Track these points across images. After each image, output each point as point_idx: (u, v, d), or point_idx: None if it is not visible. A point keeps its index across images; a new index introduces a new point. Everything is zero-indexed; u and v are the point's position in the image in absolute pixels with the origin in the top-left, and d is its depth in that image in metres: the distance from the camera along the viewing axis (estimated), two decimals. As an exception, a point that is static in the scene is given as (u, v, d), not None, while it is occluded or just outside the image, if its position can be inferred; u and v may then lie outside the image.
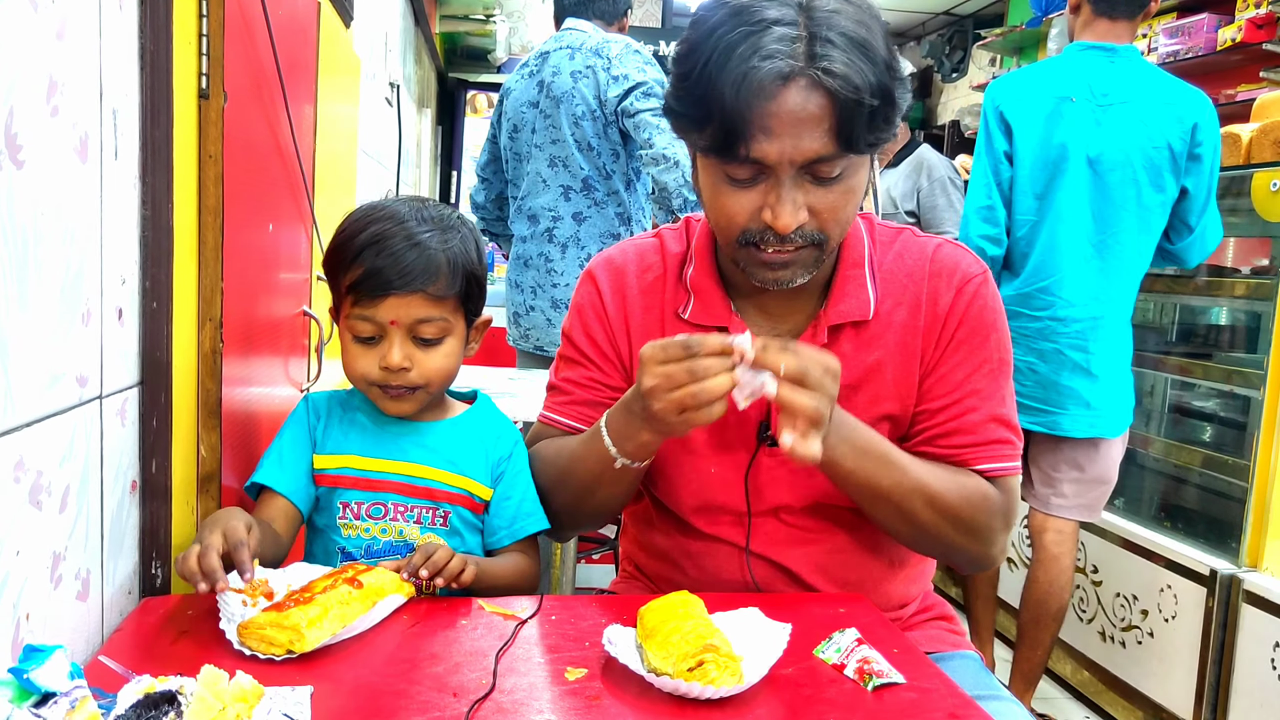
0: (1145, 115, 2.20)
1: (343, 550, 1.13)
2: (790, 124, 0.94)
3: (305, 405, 1.17)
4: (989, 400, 1.12)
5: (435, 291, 1.08)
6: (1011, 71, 2.38)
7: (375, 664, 0.89)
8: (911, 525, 1.09)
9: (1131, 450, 2.87)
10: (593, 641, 0.93)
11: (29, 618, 0.77)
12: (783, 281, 1.05)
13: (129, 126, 0.93)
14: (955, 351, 1.12)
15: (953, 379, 1.12)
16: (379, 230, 1.08)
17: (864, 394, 1.12)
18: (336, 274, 1.10)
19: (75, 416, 0.84)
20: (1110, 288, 2.23)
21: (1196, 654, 2.26)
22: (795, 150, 0.95)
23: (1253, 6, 3.78)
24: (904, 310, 1.12)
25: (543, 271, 2.63)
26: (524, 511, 1.16)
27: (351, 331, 1.11)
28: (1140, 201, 2.20)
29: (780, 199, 0.97)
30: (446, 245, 1.10)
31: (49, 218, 0.77)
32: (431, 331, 1.10)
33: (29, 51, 0.73)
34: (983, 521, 1.11)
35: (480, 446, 1.16)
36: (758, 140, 0.94)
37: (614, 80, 2.48)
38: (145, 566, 1.01)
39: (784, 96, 0.93)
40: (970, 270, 1.14)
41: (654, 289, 1.18)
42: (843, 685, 0.89)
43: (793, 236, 1.00)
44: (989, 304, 1.14)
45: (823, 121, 0.94)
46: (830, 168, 0.97)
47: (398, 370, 1.09)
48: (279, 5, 1.27)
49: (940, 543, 1.12)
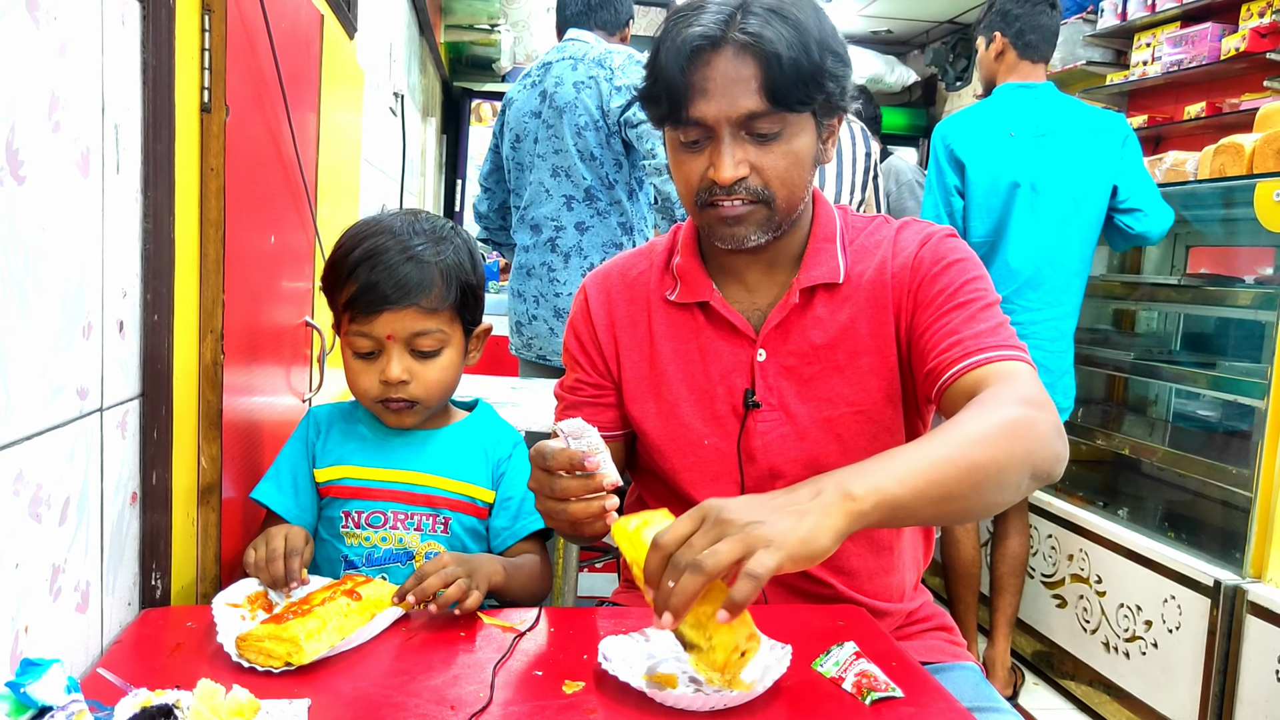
0: (1078, 142, 2.55)
1: (345, 559, 1.14)
2: (723, 84, 1.05)
3: (307, 420, 1.18)
4: (976, 304, 1.09)
5: (429, 304, 1.09)
6: (956, 113, 2.74)
7: (373, 676, 0.89)
8: (984, 481, 0.90)
9: (1134, 460, 2.87)
10: (591, 654, 0.93)
11: (28, 630, 0.77)
12: (739, 238, 1.11)
13: (131, 141, 0.94)
14: (931, 284, 1.12)
15: (935, 302, 1.11)
16: (372, 246, 1.10)
17: (841, 350, 1.15)
18: (334, 291, 1.11)
19: (76, 429, 0.84)
20: (1059, 297, 2.55)
21: (1201, 665, 2.25)
22: (730, 107, 1.05)
23: (1256, 16, 3.78)
24: (873, 271, 1.16)
25: (545, 281, 2.63)
26: (525, 510, 1.17)
27: (351, 348, 1.11)
28: (1080, 218, 2.54)
29: (720, 154, 1.07)
30: (440, 257, 1.11)
31: (50, 232, 0.78)
32: (429, 344, 1.10)
33: (30, 68, 0.74)
34: (1030, 416, 0.95)
35: (480, 450, 1.17)
36: (696, 102, 1.06)
37: (617, 90, 2.49)
38: (145, 578, 1.01)
39: (715, 61, 1.05)
40: (934, 228, 1.19)
41: (640, 281, 1.24)
42: (841, 699, 0.89)
43: (737, 188, 1.07)
44: (957, 246, 1.16)
45: (751, 81, 1.04)
46: (765, 124, 1.06)
47: (397, 383, 1.09)
48: (281, 18, 1.28)
49: (1010, 473, 0.92)
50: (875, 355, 1.15)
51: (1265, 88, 3.81)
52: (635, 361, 1.21)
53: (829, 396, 1.16)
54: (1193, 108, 4.22)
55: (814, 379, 1.16)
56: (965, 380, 1.04)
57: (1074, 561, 2.70)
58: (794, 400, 1.16)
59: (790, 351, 1.16)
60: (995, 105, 2.63)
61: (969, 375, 1.04)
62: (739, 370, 1.17)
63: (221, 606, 0.96)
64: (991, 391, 0.99)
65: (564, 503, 0.95)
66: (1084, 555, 2.67)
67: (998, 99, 2.65)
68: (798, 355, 1.16)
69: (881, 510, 0.82)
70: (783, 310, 1.15)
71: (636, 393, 1.21)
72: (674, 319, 1.20)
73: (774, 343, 1.16)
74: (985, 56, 2.73)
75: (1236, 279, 2.68)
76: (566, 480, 0.94)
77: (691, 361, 1.18)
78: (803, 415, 1.16)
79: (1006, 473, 0.91)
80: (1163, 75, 4.29)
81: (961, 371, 1.05)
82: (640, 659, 0.92)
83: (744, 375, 1.16)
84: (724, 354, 1.17)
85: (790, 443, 1.16)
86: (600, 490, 0.94)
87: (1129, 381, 3.00)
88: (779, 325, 1.16)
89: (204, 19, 1.05)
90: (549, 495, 0.96)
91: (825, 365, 1.15)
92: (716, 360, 1.17)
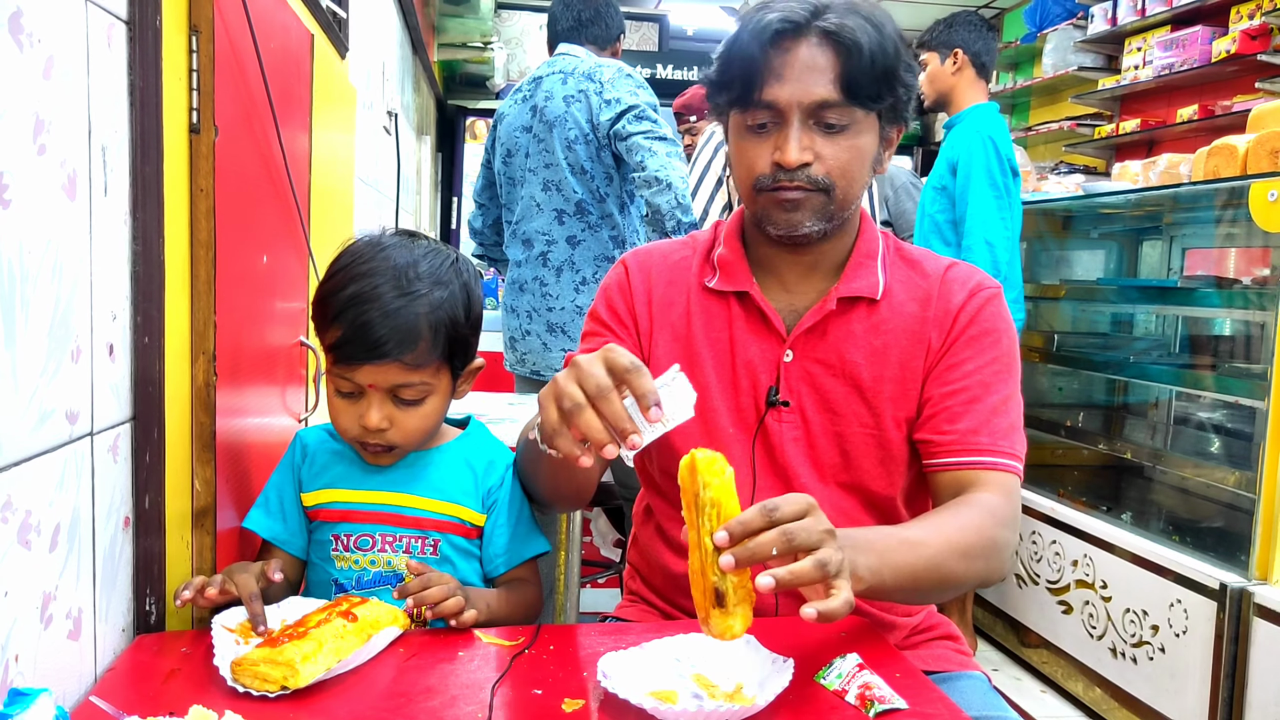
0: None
1: (336, 582, 1.13)
2: (799, 70, 1.08)
3: (294, 445, 1.17)
4: (997, 394, 1.14)
5: (413, 360, 1.05)
6: (995, 118, 2.88)
7: (370, 699, 0.88)
8: (948, 586, 1.05)
9: (1137, 464, 2.86)
10: (591, 671, 0.92)
11: (18, 659, 0.76)
12: (795, 224, 1.12)
13: (119, 163, 0.93)
14: (966, 347, 1.16)
15: (963, 369, 1.15)
16: (357, 292, 1.05)
17: (868, 372, 1.16)
18: (320, 327, 1.09)
19: (65, 454, 0.83)
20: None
21: (1209, 669, 2.23)
22: (803, 94, 1.08)
23: (1246, 18, 3.79)
24: (915, 304, 1.18)
25: (538, 295, 2.63)
26: (519, 535, 1.16)
27: (334, 385, 1.10)
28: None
29: (788, 138, 1.09)
30: (432, 308, 1.06)
31: (36, 255, 0.77)
32: (411, 395, 1.08)
33: (14, 91, 0.74)
34: (1000, 539, 1.07)
35: (470, 473, 1.16)
36: (770, 85, 1.08)
37: (606, 104, 2.49)
38: (139, 603, 1.00)
39: (794, 47, 1.08)
40: (985, 282, 1.20)
41: (681, 266, 1.25)
42: (844, 712, 0.88)
43: (800, 174, 1.09)
44: (1002, 315, 1.19)
45: (827, 71, 1.08)
46: (835, 114, 1.09)
47: (375, 430, 1.08)
48: (271, 38, 1.28)
49: (968, 584, 1.08)
50: (899, 385, 1.16)
51: (1257, 89, 3.82)
52: (668, 340, 1.21)
53: (845, 412, 1.16)
54: (1185, 110, 4.23)
55: (835, 392, 1.17)
56: (959, 475, 1.12)
57: (1078, 567, 2.69)
58: (811, 407, 1.17)
59: (818, 359, 1.17)
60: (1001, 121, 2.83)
61: (963, 472, 1.12)
62: (765, 367, 1.18)
63: (218, 630, 0.95)
64: (990, 505, 1.07)
65: (582, 414, 0.85)
66: (1088, 561, 2.65)
67: (997, 115, 2.86)
68: (825, 364, 1.17)
69: (869, 590, 0.92)
70: (817, 314, 1.16)
71: None
72: (710, 307, 1.21)
73: (803, 346, 1.17)
74: (940, 72, 2.90)
75: (1234, 280, 2.68)
76: (595, 373, 0.85)
77: (722, 350, 1.19)
78: (817, 423, 1.17)
79: (965, 585, 1.07)
80: (1154, 79, 4.30)
81: (957, 466, 1.12)
82: (641, 675, 0.91)
83: (769, 372, 1.17)
84: (753, 348, 1.18)
85: (801, 447, 1.17)
86: (629, 434, 0.85)
87: (1129, 385, 2.99)
88: (811, 330, 1.17)
89: (191, 39, 1.05)
90: (570, 405, 0.85)
91: (849, 382, 1.16)
92: (745, 353, 1.18)
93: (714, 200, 2.87)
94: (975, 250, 2.70)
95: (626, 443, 0.85)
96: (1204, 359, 2.80)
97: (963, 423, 1.13)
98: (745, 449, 1.18)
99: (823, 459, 1.17)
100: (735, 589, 0.83)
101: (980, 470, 1.11)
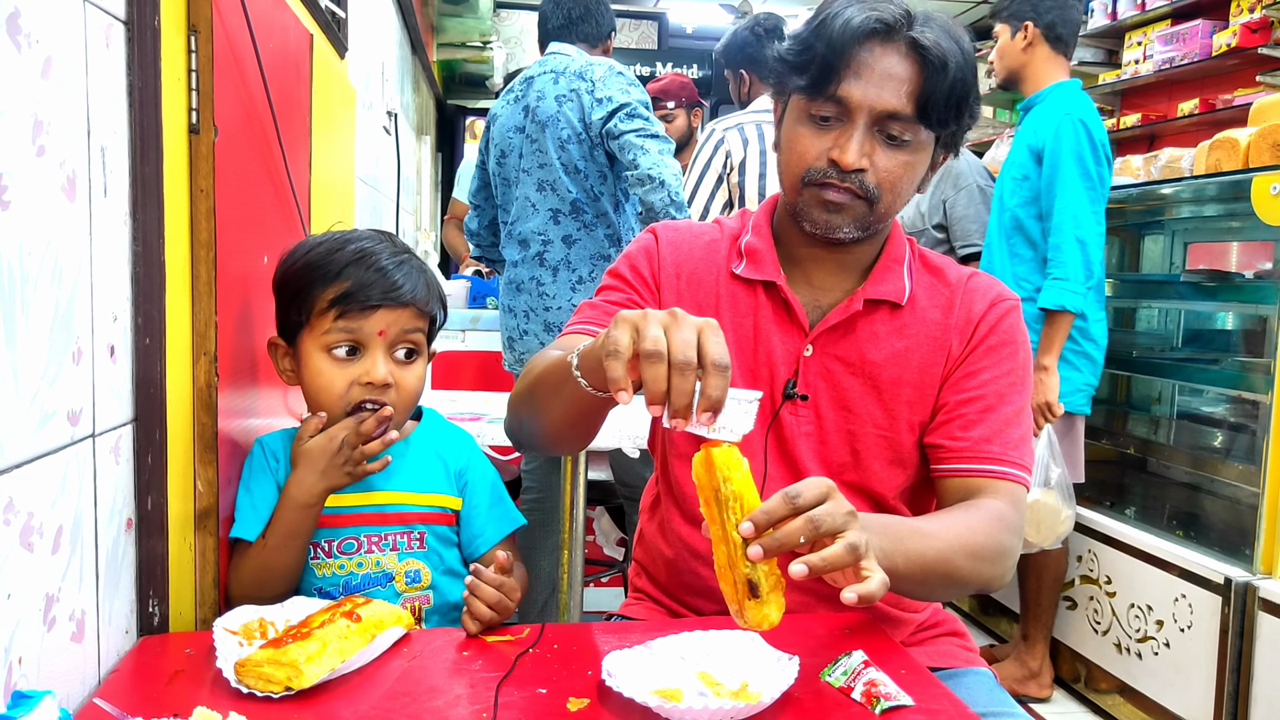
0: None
1: (320, 590, 1.11)
2: (879, 75, 1.06)
3: (260, 449, 1.16)
4: (1011, 405, 1.14)
5: (424, 306, 1.12)
6: (1085, 99, 2.55)
7: (374, 699, 0.88)
8: (953, 583, 1.05)
9: (1141, 459, 2.85)
10: (596, 670, 0.92)
11: (21, 662, 0.76)
12: (833, 226, 1.11)
13: (118, 163, 0.93)
14: (984, 356, 1.16)
15: (979, 377, 1.16)
16: (361, 248, 1.11)
17: (886, 374, 1.16)
18: (311, 290, 1.09)
19: (67, 455, 0.83)
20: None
21: (1214, 663, 2.23)
22: (877, 99, 1.06)
23: (1247, 11, 3.78)
24: (938, 311, 1.18)
25: (535, 295, 2.62)
26: (496, 515, 1.18)
27: (324, 349, 1.10)
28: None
29: (850, 139, 1.08)
30: (423, 269, 1.15)
31: (36, 257, 0.77)
32: (414, 341, 1.12)
33: (13, 92, 0.73)
34: (1007, 545, 1.08)
35: (438, 458, 1.17)
36: (847, 81, 1.07)
37: (598, 103, 2.49)
38: (143, 605, 1.00)
39: (881, 51, 1.07)
40: (1005, 293, 1.21)
41: (712, 247, 1.23)
42: (850, 709, 0.87)
43: (851, 178, 1.08)
44: (1020, 327, 1.19)
45: (906, 83, 1.06)
46: (901, 128, 1.08)
47: (381, 386, 1.08)
48: (270, 38, 1.28)
49: (973, 585, 1.08)
50: (916, 389, 1.16)
51: (1258, 82, 3.81)
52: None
53: (860, 411, 1.16)
54: (1186, 105, 4.23)
55: (852, 390, 1.17)
56: (969, 481, 1.12)
57: (1083, 563, 2.68)
58: (826, 403, 1.17)
59: (838, 357, 1.17)
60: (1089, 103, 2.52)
61: (973, 479, 1.12)
62: (785, 359, 1.17)
63: (221, 632, 0.95)
64: (999, 511, 1.08)
65: (656, 367, 0.79)
66: (1093, 556, 2.65)
67: (1082, 94, 2.54)
68: (844, 363, 1.17)
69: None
70: (842, 313, 1.16)
71: None
72: (736, 293, 1.20)
73: (824, 343, 1.17)
74: (1010, 46, 2.57)
75: (1236, 274, 2.67)
76: (686, 332, 0.80)
77: (745, 337, 1.19)
78: (830, 420, 1.17)
79: (970, 585, 1.06)
80: (1155, 73, 4.30)
81: (968, 473, 1.12)
82: (646, 674, 0.91)
83: (789, 365, 1.17)
84: (775, 339, 1.18)
85: (813, 442, 1.17)
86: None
87: (1132, 380, 2.98)
88: (834, 328, 1.16)
89: (190, 40, 1.05)
90: (651, 349, 0.79)
91: (868, 381, 1.16)
92: (766, 343, 1.18)
93: (714, 199, 2.85)
94: (1065, 250, 2.39)
95: (672, 422, 0.80)
96: (1207, 353, 2.79)
97: (976, 430, 1.13)
98: (758, 439, 1.17)
99: (832, 456, 1.17)
100: (766, 577, 0.83)
101: (990, 479, 1.11)
